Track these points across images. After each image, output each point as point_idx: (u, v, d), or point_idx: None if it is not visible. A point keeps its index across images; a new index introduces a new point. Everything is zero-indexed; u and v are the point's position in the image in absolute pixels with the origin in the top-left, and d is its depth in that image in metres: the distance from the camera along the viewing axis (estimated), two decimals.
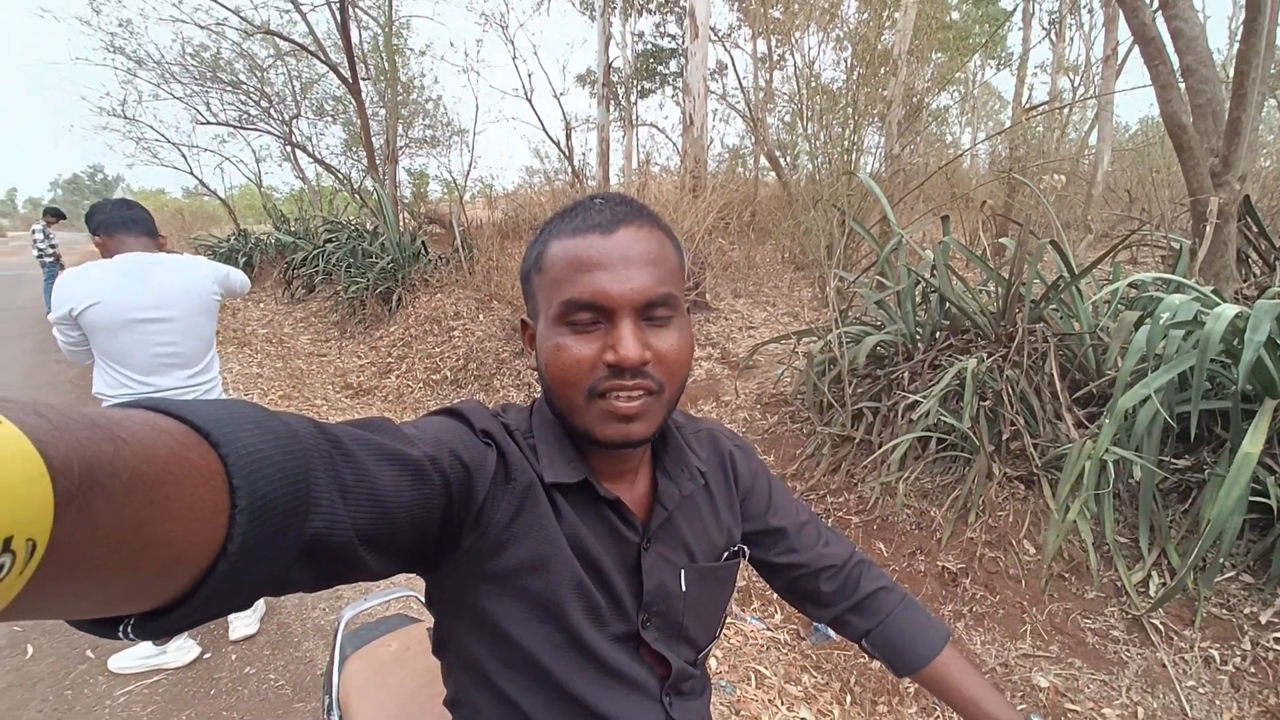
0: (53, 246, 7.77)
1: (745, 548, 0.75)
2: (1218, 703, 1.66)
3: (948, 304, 2.88)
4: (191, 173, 13.72)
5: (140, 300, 1.81)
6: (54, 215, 7.89)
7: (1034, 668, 1.85)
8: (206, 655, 2.09)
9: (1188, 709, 1.66)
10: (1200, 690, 1.69)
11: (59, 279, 1.79)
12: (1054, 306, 2.67)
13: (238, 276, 2.08)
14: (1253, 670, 1.70)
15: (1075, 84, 10.44)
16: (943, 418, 2.43)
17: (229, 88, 10.99)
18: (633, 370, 0.54)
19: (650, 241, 0.56)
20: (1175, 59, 2.70)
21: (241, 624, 2.17)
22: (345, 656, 0.98)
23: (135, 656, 2.00)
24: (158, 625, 0.30)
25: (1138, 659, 1.80)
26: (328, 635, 2.18)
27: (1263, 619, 1.77)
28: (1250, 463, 1.70)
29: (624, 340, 0.53)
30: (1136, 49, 2.90)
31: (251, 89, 11.14)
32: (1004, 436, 2.38)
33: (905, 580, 2.23)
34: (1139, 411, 2.10)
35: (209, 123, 11.52)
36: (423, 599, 0.65)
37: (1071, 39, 11.15)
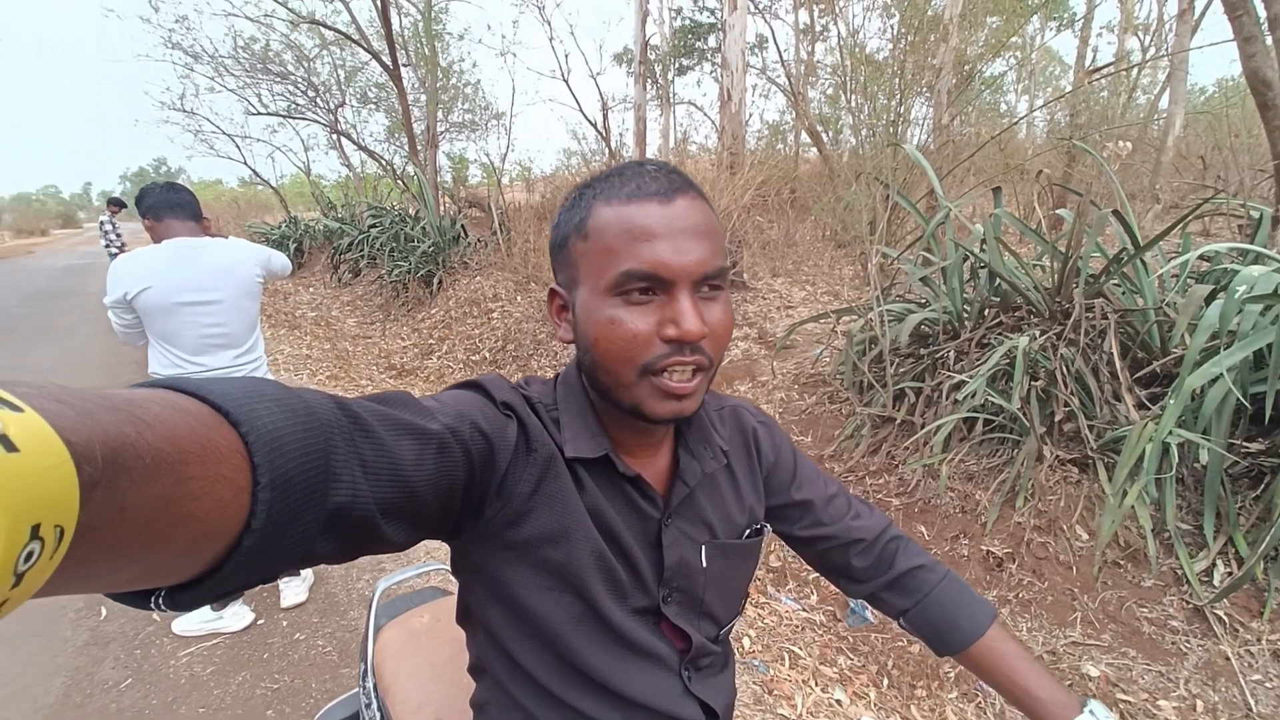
0: (118, 236, 8.21)
1: (767, 525, 0.73)
2: None
3: (998, 280, 2.74)
4: (245, 163, 14.23)
5: (188, 284, 1.88)
6: (116, 205, 8.29)
7: (1084, 656, 1.77)
8: (260, 621, 2.20)
9: (1252, 704, 1.56)
10: (1267, 685, 1.59)
11: (115, 263, 1.88)
12: (1115, 281, 2.51)
13: (279, 259, 2.15)
14: None
15: (1145, 43, 9.72)
16: (990, 398, 2.32)
17: (278, 79, 11.34)
18: (691, 345, 0.53)
19: (705, 213, 0.55)
20: (1261, 9, 2.47)
21: (292, 592, 2.28)
22: (380, 626, 1.02)
23: (196, 620, 2.12)
24: (187, 597, 0.31)
25: (1198, 650, 1.70)
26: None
27: None
28: None
29: (686, 315, 0.52)
30: (1216, 2, 2.66)
31: (299, 79, 11.46)
32: (1056, 418, 2.26)
33: (948, 565, 2.15)
34: (1208, 392, 1.96)
35: (260, 113, 11.92)
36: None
37: None
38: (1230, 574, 1.81)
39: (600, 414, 0.61)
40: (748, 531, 0.70)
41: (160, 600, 0.31)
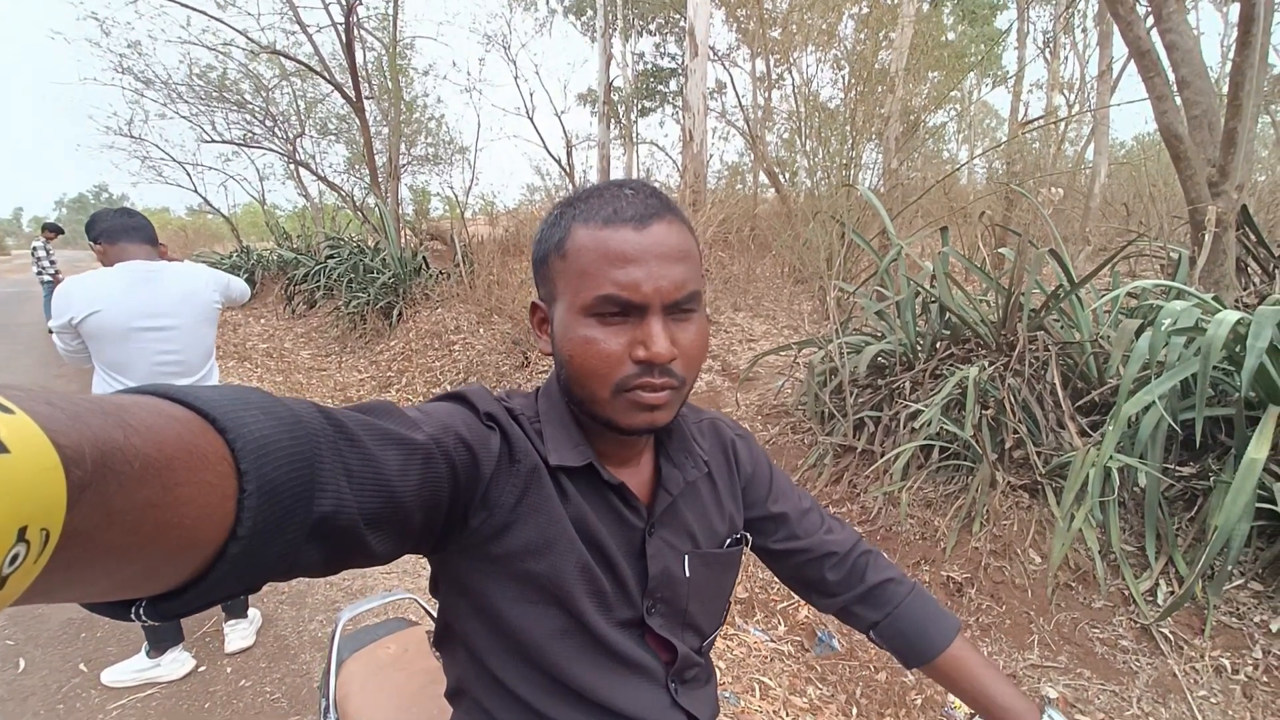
0: (53, 262, 7.80)
1: (748, 535, 0.74)
2: (1230, 712, 1.63)
3: (948, 313, 2.88)
4: (196, 190, 13.86)
5: (143, 308, 1.81)
6: (52, 230, 7.93)
7: (1042, 678, 1.82)
8: (201, 668, 2.05)
9: (1200, 719, 1.62)
10: (1212, 700, 1.66)
11: (63, 285, 1.79)
12: (1054, 315, 2.67)
13: (238, 285, 2.09)
14: (1265, 679, 1.67)
15: (1070, 100, 10.57)
16: (945, 426, 2.42)
17: (234, 107, 11.15)
18: (661, 367, 0.55)
19: (680, 236, 0.57)
20: (1170, 72, 2.73)
21: (237, 636, 2.14)
22: (343, 659, 0.97)
23: (129, 670, 1.97)
24: (170, 607, 0.30)
25: (1148, 669, 1.77)
26: (324, 647, 2.15)
27: (1274, 627, 1.74)
28: (1256, 469, 1.69)
29: (656, 338, 0.54)
30: (1131, 65, 2.94)
31: (257, 108, 11.30)
32: (1007, 445, 2.37)
33: None
34: (1142, 419, 2.09)
35: (214, 141, 11.66)
36: (422, 602, 0.64)
37: (1066, 56, 11.31)
38: (1172, 593, 1.90)
39: (582, 425, 0.62)
40: (728, 540, 0.71)
41: (141, 610, 0.30)
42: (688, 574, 0.66)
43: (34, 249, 7.88)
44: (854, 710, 1.83)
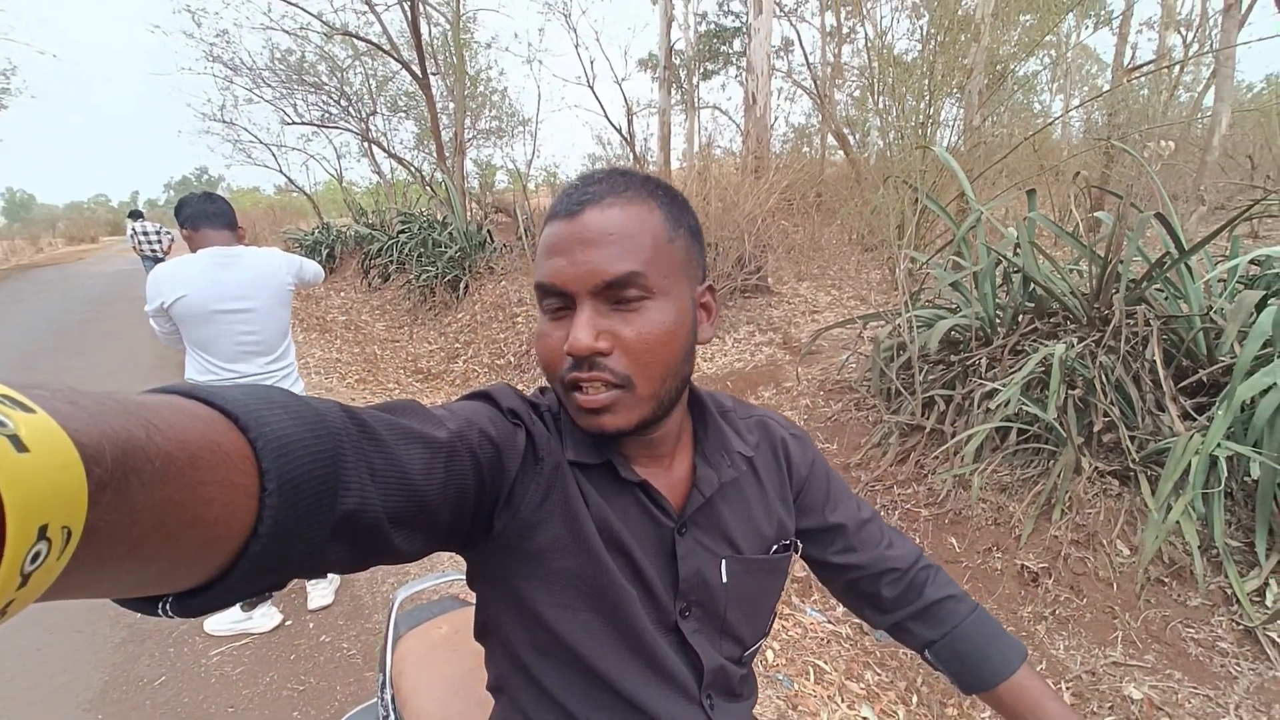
0: (159, 239, 8.53)
1: (798, 542, 0.70)
2: None
3: (1032, 285, 2.66)
4: (280, 170, 14.65)
5: (223, 292, 1.93)
6: (134, 216, 8.94)
7: (1125, 677, 1.69)
8: (288, 623, 2.24)
9: None
10: None
11: (153, 272, 1.94)
12: (1158, 286, 2.41)
13: (311, 267, 2.19)
14: None
15: (1188, 40, 9.39)
16: (1025, 407, 2.25)
17: (312, 89, 11.66)
18: (589, 361, 0.51)
19: (616, 219, 0.52)
20: None
21: (318, 594, 2.31)
22: (399, 635, 1.02)
23: (227, 621, 2.17)
24: (195, 604, 0.31)
25: (1249, 674, 1.61)
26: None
27: None
28: None
29: (575, 328, 0.51)
30: None
31: (332, 89, 11.78)
32: (1095, 428, 2.18)
33: (979, 578, 2.09)
34: (1259, 402, 1.87)
35: (295, 123, 12.28)
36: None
37: None
38: None
39: None
40: (776, 547, 0.67)
41: (168, 606, 0.30)
42: (725, 579, 0.63)
43: (131, 232, 8.64)
44: (914, 699, 1.78)
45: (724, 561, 0.63)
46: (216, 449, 0.28)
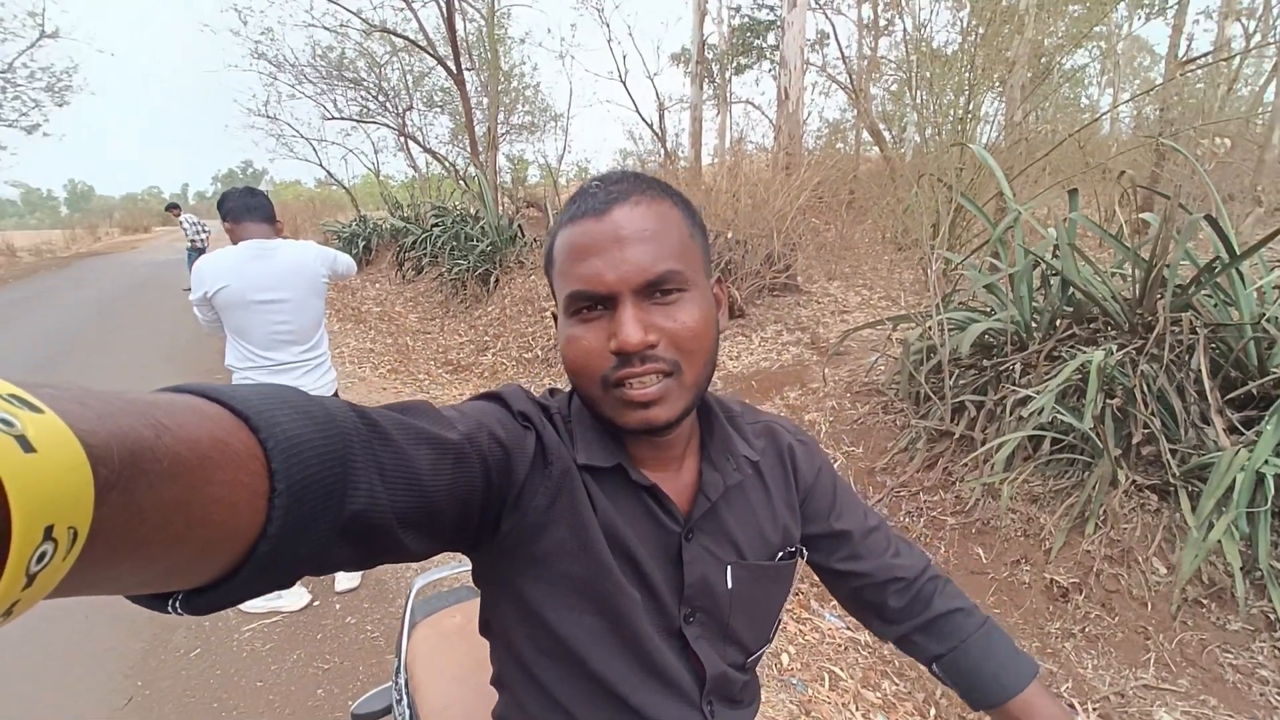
0: (200, 232, 8.97)
1: (804, 549, 0.69)
2: None
3: (1071, 289, 2.57)
4: (320, 164, 15.03)
5: (260, 283, 1.99)
6: (174, 209, 9.55)
7: (1157, 701, 1.64)
8: (316, 603, 2.31)
9: None
10: None
11: (197, 264, 2.01)
12: (1206, 292, 2.31)
13: (344, 260, 2.24)
14: None
15: (1249, 29, 8.90)
16: (1060, 416, 2.18)
17: (351, 85, 11.95)
18: (640, 355, 0.52)
19: (647, 218, 0.53)
20: None
21: (345, 577, 2.38)
22: (415, 623, 1.04)
23: (259, 597, 2.25)
24: (204, 601, 0.31)
25: None
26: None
27: None
28: None
29: (624, 325, 0.51)
30: None
31: (371, 85, 12.04)
32: (1134, 440, 2.10)
33: (1006, 591, 2.04)
34: None
35: (335, 118, 12.61)
36: None
37: None
38: None
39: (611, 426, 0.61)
40: (781, 553, 0.66)
41: (177, 604, 0.31)
42: (730, 585, 0.62)
43: (190, 222, 9.08)
44: (931, 711, 1.75)
45: (729, 567, 0.63)
46: (225, 449, 0.28)
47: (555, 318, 0.62)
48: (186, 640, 2.13)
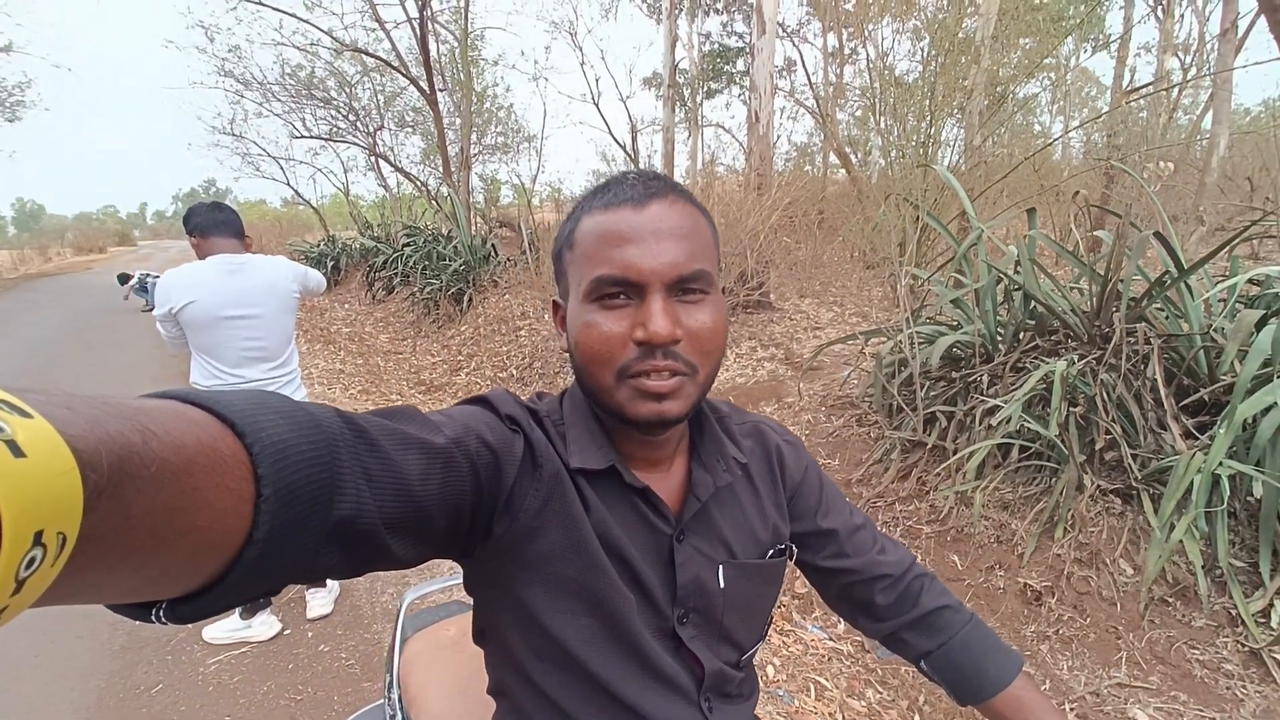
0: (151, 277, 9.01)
1: (793, 546, 0.71)
2: None
3: (1033, 302, 2.68)
4: (288, 183, 14.83)
5: (229, 299, 1.95)
6: (124, 280, 9.83)
7: (1130, 699, 1.68)
8: (286, 631, 2.22)
9: None
10: None
11: (163, 278, 1.96)
12: (1158, 305, 2.43)
13: (314, 276, 2.21)
14: None
15: (1186, 63, 9.50)
16: (1026, 424, 2.25)
17: (321, 104, 11.85)
18: (664, 349, 0.52)
19: (683, 216, 0.55)
20: None
21: (318, 604, 2.30)
22: (406, 637, 1.02)
23: (225, 629, 2.16)
24: (188, 610, 0.30)
25: (1255, 696, 1.60)
26: (394, 620, 2.28)
27: None
28: None
29: (654, 316, 0.52)
30: (1261, 21, 2.60)
31: (341, 104, 11.96)
32: (1097, 446, 2.18)
33: (982, 597, 2.08)
34: (1260, 421, 1.87)
35: (304, 136, 12.45)
36: None
37: (1182, 14, 10.15)
38: None
39: (606, 427, 0.60)
40: (771, 551, 0.67)
41: (161, 613, 0.30)
42: (723, 585, 0.63)
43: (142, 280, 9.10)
44: (915, 718, 1.76)
45: (721, 567, 0.63)
46: (212, 454, 0.28)
47: (555, 307, 0.62)
48: (147, 676, 2.02)
